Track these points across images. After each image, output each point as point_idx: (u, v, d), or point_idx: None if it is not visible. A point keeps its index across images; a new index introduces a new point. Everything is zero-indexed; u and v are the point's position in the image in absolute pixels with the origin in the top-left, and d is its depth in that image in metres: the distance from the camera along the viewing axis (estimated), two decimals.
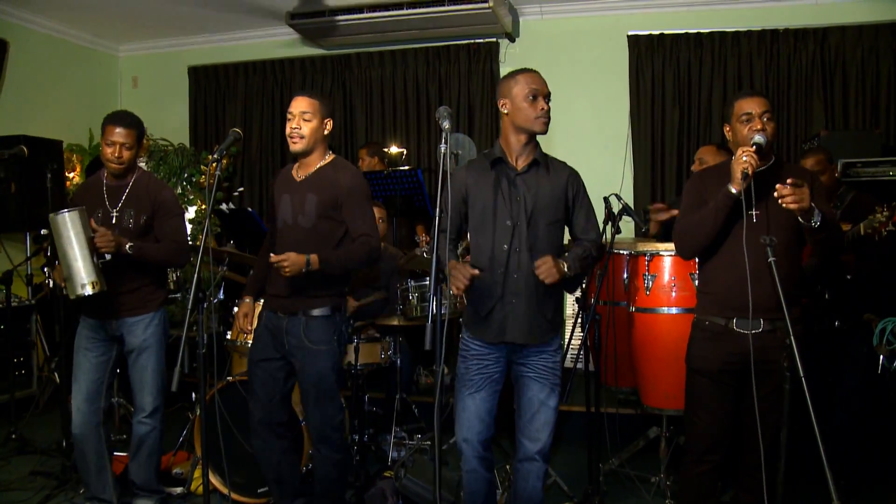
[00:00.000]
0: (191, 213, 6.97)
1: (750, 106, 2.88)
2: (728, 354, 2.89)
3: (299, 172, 3.39)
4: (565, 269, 2.86)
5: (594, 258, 3.04)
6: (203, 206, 6.87)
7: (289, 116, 3.30)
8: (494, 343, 3.00)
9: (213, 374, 3.95)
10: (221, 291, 5.04)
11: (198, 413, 4.03)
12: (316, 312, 3.32)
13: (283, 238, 3.37)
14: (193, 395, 4.30)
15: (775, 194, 2.64)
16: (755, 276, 2.75)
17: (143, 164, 7.00)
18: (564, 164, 3.09)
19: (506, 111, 3.00)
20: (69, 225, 3.32)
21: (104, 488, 3.71)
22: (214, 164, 2.99)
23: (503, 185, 2.99)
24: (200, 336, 2.81)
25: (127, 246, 3.46)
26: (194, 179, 7.04)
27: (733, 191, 2.76)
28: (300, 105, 3.28)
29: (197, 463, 4.05)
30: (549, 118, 2.97)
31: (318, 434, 3.41)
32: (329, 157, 3.40)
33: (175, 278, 4.91)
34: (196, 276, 2.80)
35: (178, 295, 4.92)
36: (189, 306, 2.84)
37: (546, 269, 2.82)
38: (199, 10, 6.76)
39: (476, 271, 2.84)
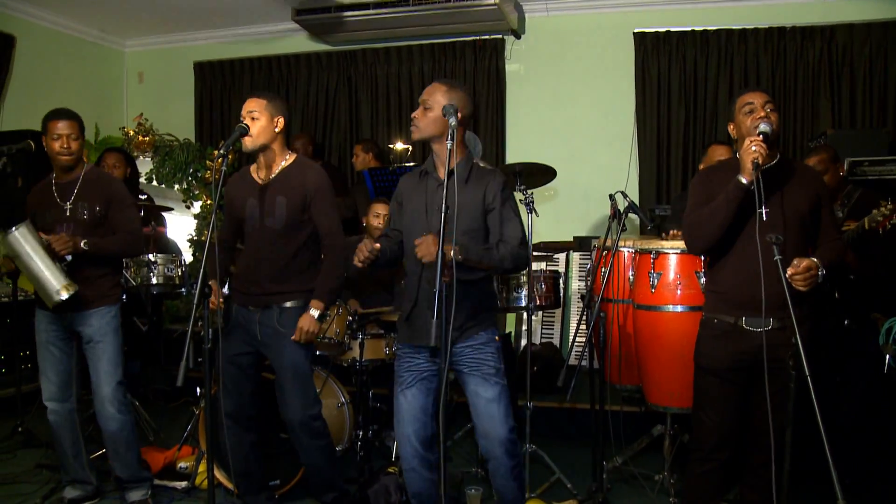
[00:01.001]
0: (196, 208, 6.98)
1: (751, 97, 2.90)
2: (737, 352, 2.89)
3: (260, 174, 3.47)
4: (452, 254, 2.67)
5: (501, 257, 2.90)
6: (209, 202, 6.88)
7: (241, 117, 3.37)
8: (414, 346, 3.04)
9: (218, 369, 3.95)
10: (226, 286, 5.03)
11: (202, 408, 4.04)
12: (289, 304, 3.42)
13: (251, 240, 3.47)
14: (198, 389, 4.30)
15: (788, 276, 2.64)
16: (765, 272, 2.75)
17: (148, 160, 7.03)
18: (490, 171, 3.03)
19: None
20: (22, 240, 3.43)
21: (82, 470, 3.80)
22: (220, 160, 3.00)
23: (427, 195, 3.03)
24: (206, 331, 2.81)
25: (82, 243, 3.54)
26: (200, 175, 7.04)
27: (744, 181, 2.75)
28: (248, 105, 3.40)
29: (201, 457, 4.06)
30: (414, 125, 2.98)
31: (299, 423, 3.44)
32: (291, 157, 3.48)
33: (180, 273, 4.91)
34: (202, 271, 2.80)
35: (184, 290, 4.93)
36: (195, 301, 2.84)
37: (424, 246, 2.72)
38: (205, 6, 6.77)
39: (377, 245, 2.89)
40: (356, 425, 4.28)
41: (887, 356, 3.45)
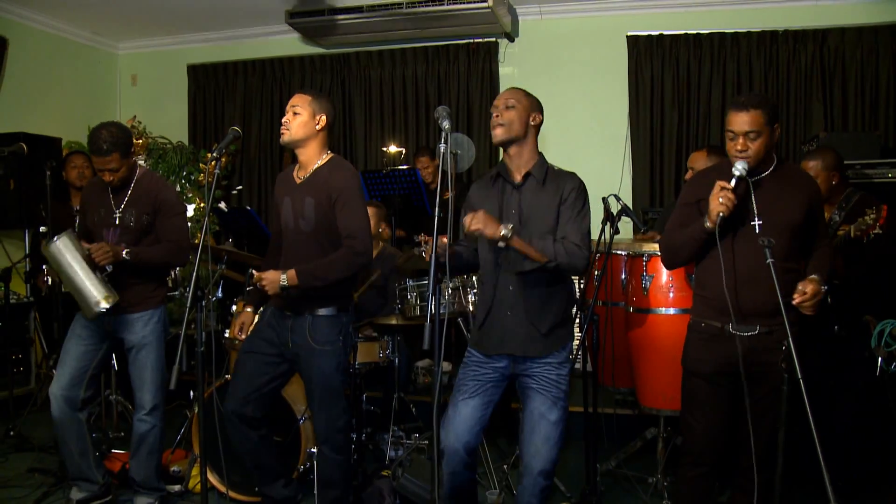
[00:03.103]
0: (189, 211, 6.97)
1: (734, 123, 2.81)
2: (723, 356, 2.89)
3: (299, 174, 3.38)
4: (501, 231, 2.73)
5: (556, 251, 2.82)
6: (202, 205, 6.87)
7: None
8: (489, 353, 3.01)
9: (211, 372, 3.95)
10: (220, 290, 5.04)
11: (196, 411, 4.03)
12: (322, 312, 3.31)
13: (287, 242, 3.38)
14: (191, 392, 4.29)
15: (796, 303, 2.69)
16: (752, 280, 2.76)
17: (141, 162, 7.01)
18: (569, 174, 3.02)
19: None
20: (64, 251, 3.40)
21: (88, 468, 3.74)
22: (214, 163, 2.99)
23: (501, 199, 3.01)
24: (199, 334, 2.81)
25: (124, 253, 3.50)
26: (193, 177, 7.04)
27: (708, 225, 2.77)
28: (293, 100, 3.31)
29: (195, 461, 4.05)
30: (497, 125, 2.95)
31: (322, 435, 3.40)
32: (326, 157, 3.36)
33: (174, 276, 4.90)
34: (195, 274, 2.80)
35: (177, 293, 4.92)
36: (188, 304, 2.84)
37: (475, 219, 2.76)
38: (199, 9, 6.76)
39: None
40: (349, 428, 4.27)
41: (879, 359, 3.46)
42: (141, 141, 7.04)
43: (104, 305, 3.42)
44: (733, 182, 2.76)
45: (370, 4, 6.27)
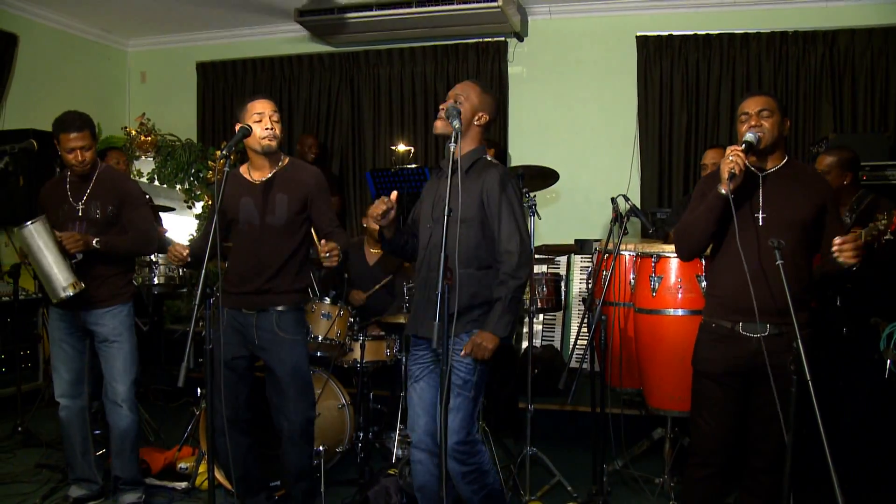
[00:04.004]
0: (198, 208, 6.99)
1: (747, 106, 2.91)
2: (733, 357, 2.88)
3: (254, 175, 3.48)
4: (489, 345, 2.85)
5: (515, 289, 2.89)
6: (210, 202, 6.88)
7: (257, 117, 3.36)
8: (417, 336, 3.09)
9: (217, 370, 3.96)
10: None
11: (203, 408, 4.04)
12: (284, 308, 3.43)
13: (248, 238, 3.45)
14: (199, 390, 4.30)
15: (834, 249, 2.63)
16: (761, 278, 2.74)
17: (150, 160, 7.03)
18: (493, 167, 3.03)
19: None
20: (35, 235, 3.44)
21: (89, 468, 3.81)
22: (223, 160, 3.02)
23: (438, 189, 3.07)
24: (207, 331, 2.81)
25: (94, 242, 3.56)
26: (201, 175, 7.05)
27: (722, 191, 2.76)
28: (269, 106, 3.39)
29: (202, 458, 4.06)
30: (438, 118, 2.96)
31: (300, 426, 3.45)
32: (286, 159, 3.53)
33: (182, 273, 4.91)
34: (204, 271, 2.81)
35: (185, 290, 4.93)
36: (196, 302, 2.84)
37: (477, 350, 2.85)
38: (208, 6, 6.77)
39: (389, 200, 2.92)
40: (357, 427, 4.28)
41: (888, 361, 3.45)
42: (150, 138, 7.05)
43: (70, 292, 3.45)
44: (743, 146, 2.78)
45: (380, 3, 6.27)
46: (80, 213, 3.66)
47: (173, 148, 7.13)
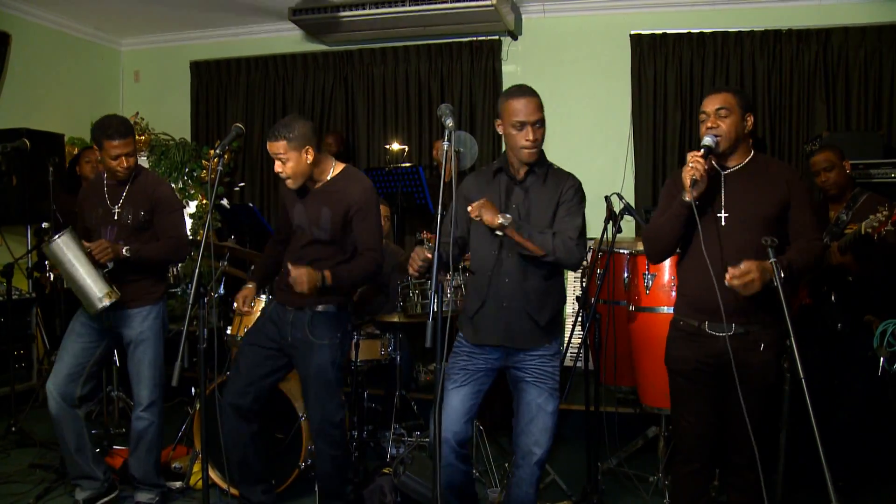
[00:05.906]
0: (191, 207, 6.97)
1: (705, 104, 2.91)
2: (703, 355, 2.88)
3: (314, 175, 3.41)
4: (499, 220, 2.80)
5: (555, 245, 2.88)
6: (204, 201, 6.88)
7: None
8: (481, 344, 3.05)
9: (213, 368, 3.95)
10: (222, 286, 5.04)
11: (197, 408, 4.03)
12: (321, 308, 3.38)
13: (299, 242, 3.43)
14: (193, 389, 4.30)
15: (727, 280, 2.62)
16: (723, 278, 2.72)
17: (144, 159, 7.02)
18: (567, 174, 3.09)
19: (500, 132, 3.05)
20: (64, 248, 3.41)
21: (87, 464, 3.74)
22: (216, 160, 3.01)
23: (501, 193, 3.04)
24: (201, 331, 2.81)
25: (124, 250, 3.51)
26: (195, 174, 7.04)
27: (686, 199, 2.76)
28: (273, 149, 3.25)
29: (196, 457, 4.05)
30: (535, 146, 2.96)
31: (317, 429, 3.44)
32: (339, 168, 3.43)
33: (175, 273, 4.90)
34: (197, 270, 2.80)
35: (179, 289, 4.92)
36: (190, 301, 2.84)
37: (481, 208, 2.83)
38: (202, 5, 6.75)
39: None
40: (351, 426, 4.27)
41: (881, 358, 3.46)
42: (143, 137, 7.04)
43: (106, 302, 3.43)
44: (702, 151, 2.78)
45: (373, 1, 6.26)
46: (115, 217, 3.64)
47: (167, 147, 7.12)
